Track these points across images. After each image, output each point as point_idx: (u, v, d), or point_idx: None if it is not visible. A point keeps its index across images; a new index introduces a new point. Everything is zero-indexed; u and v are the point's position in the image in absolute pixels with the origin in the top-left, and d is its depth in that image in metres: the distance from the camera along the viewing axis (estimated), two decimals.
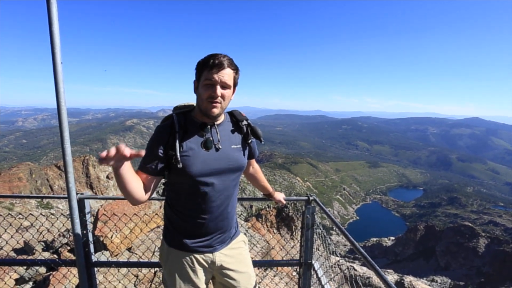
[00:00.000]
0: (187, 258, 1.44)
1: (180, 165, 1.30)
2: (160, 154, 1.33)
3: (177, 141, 1.32)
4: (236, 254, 1.57)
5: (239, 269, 1.56)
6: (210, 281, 1.62)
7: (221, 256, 1.50)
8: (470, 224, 47.93)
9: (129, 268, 3.21)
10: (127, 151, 1.08)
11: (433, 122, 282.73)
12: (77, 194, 1.91)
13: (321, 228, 2.24)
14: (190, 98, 1.58)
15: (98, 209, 4.25)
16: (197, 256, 1.45)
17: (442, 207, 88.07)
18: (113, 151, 1.05)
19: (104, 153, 1.04)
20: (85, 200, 2.04)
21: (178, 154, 1.30)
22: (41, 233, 4.20)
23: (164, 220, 1.54)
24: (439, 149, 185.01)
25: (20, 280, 3.40)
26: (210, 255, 1.47)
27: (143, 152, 1.15)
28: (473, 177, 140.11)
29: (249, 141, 1.54)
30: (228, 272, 1.53)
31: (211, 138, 1.39)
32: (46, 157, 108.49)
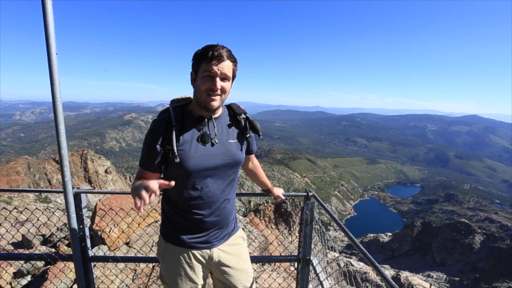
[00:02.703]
0: (184, 254, 1.42)
1: (177, 160, 1.28)
2: (158, 149, 1.30)
3: (174, 135, 1.29)
4: (234, 250, 1.55)
5: (236, 265, 1.54)
6: (209, 277, 1.61)
7: (219, 252, 1.48)
8: (466, 221, 48.39)
9: (126, 263, 3.20)
10: (156, 187, 1.06)
11: (431, 119, 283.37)
12: (73, 188, 1.88)
13: (320, 224, 2.23)
14: (189, 92, 1.55)
15: (96, 203, 4.23)
16: (195, 252, 1.43)
17: (439, 204, 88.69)
18: (144, 194, 1.03)
19: (138, 202, 1.02)
20: (82, 194, 2.01)
21: (175, 148, 1.28)
22: (38, 227, 4.18)
23: (161, 215, 1.52)
24: (437, 146, 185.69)
25: (18, 274, 3.40)
26: (207, 251, 1.45)
27: (173, 183, 1.10)
28: (470, 174, 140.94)
29: (247, 135, 1.51)
30: (226, 269, 1.52)
31: (208, 132, 1.36)
32: (44, 151, 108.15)
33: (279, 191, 2.04)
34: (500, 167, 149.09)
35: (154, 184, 1.06)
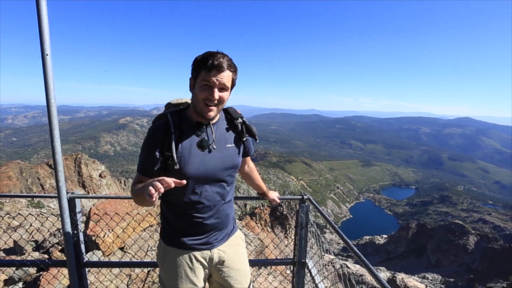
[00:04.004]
0: (185, 256, 1.43)
1: (177, 166, 1.28)
2: (157, 155, 1.30)
3: (173, 142, 1.29)
4: (233, 251, 1.57)
5: (235, 266, 1.57)
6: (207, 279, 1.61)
7: (219, 253, 1.50)
8: (460, 222, 48.86)
9: (121, 268, 3.17)
10: (170, 182, 1.07)
11: (425, 122, 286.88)
12: (67, 193, 1.87)
13: (315, 227, 2.24)
14: (185, 96, 1.56)
15: (90, 208, 4.19)
16: (195, 253, 1.44)
17: (434, 206, 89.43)
18: (159, 185, 1.04)
19: (152, 190, 1.03)
20: (76, 199, 2.00)
21: (175, 155, 1.28)
22: (30, 233, 4.12)
23: (160, 219, 1.53)
24: (431, 148, 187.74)
25: (9, 281, 3.34)
26: (208, 252, 1.47)
27: (184, 181, 1.10)
28: (464, 176, 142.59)
29: (244, 139, 1.53)
30: (225, 269, 1.54)
31: (207, 138, 1.37)
32: (37, 156, 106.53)
33: (274, 195, 2.05)
34: (492, 169, 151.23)
35: (169, 179, 1.06)
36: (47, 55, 1.50)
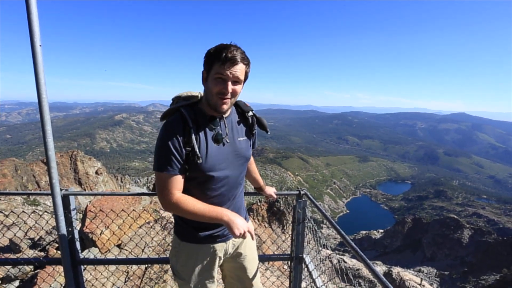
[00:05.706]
0: (201, 250, 1.45)
1: (200, 161, 1.27)
2: (183, 151, 1.27)
3: (193, 136, 1.28)
4: (247, 240, 1.62)
5: (247, 254, 1.62)
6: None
7: (233, 243, 1.55)
8: (455, 216, 49.50)
9: (117, 265, 3.16)
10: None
11: (421, 117, 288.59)
12: (61, 190, 1.84)
13: (312, 222, 2.23)
14: (181, 91, 1.52)
15: (87, 205, 4.15)
16: (211, 246, 1.46)
17: (429, 200, 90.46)
18: (247, 229, 1.30)
19: (242, 231, 1.26)
20: (70, 196, 1.97)
21: (197, 149, 1.27)
22: (25, 231, 4.08)
23: (174, 216, 1.53)
24: (426, 144, 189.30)
25: (5, 279, 3.31)
26: (223, 244, 1.49)
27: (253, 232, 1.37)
28: (459, 170, 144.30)
29: (254, 131, 1.55)
30: (238, 258, 1.59)
31: (221, 132, 1.37)
32: (31, 153, 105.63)
33: (271, 190, 2.04)
34: (487, 164, 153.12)
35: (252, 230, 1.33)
36: (40, 45, 1.44)
